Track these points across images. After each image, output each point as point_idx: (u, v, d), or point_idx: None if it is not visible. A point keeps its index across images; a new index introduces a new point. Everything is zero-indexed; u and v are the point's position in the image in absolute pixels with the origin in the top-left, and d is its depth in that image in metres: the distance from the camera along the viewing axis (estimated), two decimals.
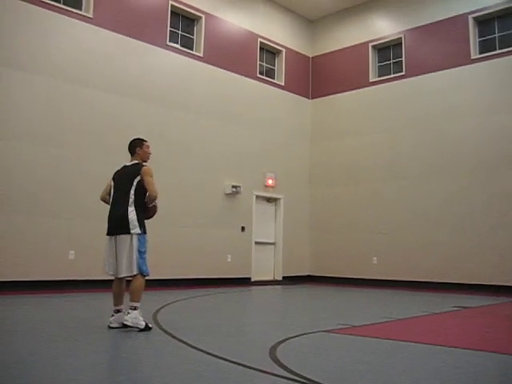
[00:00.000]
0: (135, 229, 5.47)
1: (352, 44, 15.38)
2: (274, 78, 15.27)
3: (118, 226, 5.51)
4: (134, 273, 5.43)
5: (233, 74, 13.85)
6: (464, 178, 12.75)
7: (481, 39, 13.31)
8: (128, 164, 5.81)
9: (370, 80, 14.88)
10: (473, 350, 4.73)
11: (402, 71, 14.31)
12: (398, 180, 13.81)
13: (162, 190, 6.20)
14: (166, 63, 12.45)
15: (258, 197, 14.12)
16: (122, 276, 5.52)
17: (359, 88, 15.01)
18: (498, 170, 12.24)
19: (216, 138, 13.23)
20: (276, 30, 15.29)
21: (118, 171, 5.84)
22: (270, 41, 15.04)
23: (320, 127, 15.78)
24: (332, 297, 11.11)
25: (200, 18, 13.30)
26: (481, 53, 13.14)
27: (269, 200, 14.60)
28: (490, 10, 13.03)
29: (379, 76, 14.92)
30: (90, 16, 11.08)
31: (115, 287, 5.63)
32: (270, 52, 15.40)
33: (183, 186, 12.36)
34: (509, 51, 12.57)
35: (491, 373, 3.99)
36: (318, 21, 16.28)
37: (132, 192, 5.56)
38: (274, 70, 15.49)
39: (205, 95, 13.16)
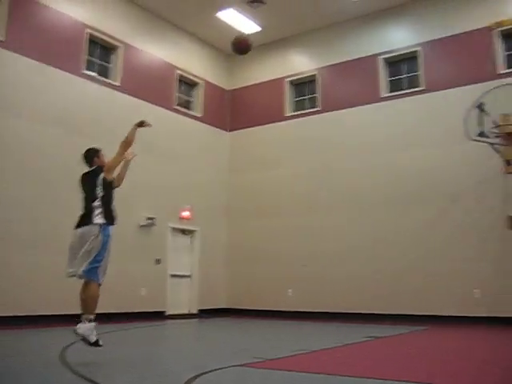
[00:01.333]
0: (98, 219, 5.65)
1: (269, 78, 15.72)
2: (191, 110, 15.28)
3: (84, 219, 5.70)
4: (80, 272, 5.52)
5: (150, 104, 13.73)
6: (380, 211, 13.19)
7: (390, 79, 13.98)
8: (87, 170, 6.14)
9: (287, 114, 15.22)
10: (384, 380, 4.79)
11: (317, 106, 14.74)
12: (317, 212, 14.07)
13: (74, 221, 5.97)
14: (82, 91, 12.16)
15: (173, 229, 13.93)
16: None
17: (276, 122, 15.32)
18: (408, 205, 12.77)
19: (132, 168, 12.93)
20: (194, 63, 15.38)
21: (81, 178, 6.13)
22: (188, 73, 15.09)
23: (238, 159, 15.89)
24: (247, 330, 11.03)
25: (118, 47, 13.16)
26: (390, 91, 13.80)
27: (184, 232, 14.43)
28: (399, 53, 13.76)
29: (295, 110, 15.30)
30: (2, 39, 10.68)
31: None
32: (187, 84, 15.43)
33: None
34: (416, 91, 13.28)
35: None
36: (236, 55, 16.46)
37: (98, 188, 5.88)
38: (191, 101, 15.52)
39: (121, 125, 12.88)
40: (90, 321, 5.34)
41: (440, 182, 12.48)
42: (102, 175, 5.96)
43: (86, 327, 5.28)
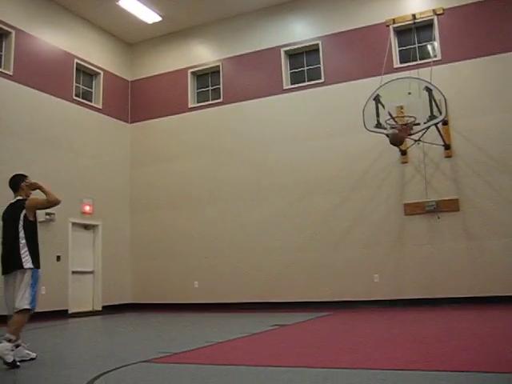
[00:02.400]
0: (28, 264, 5.55)
1: (172, 69, 15.49)
2: (91, 101, 14.77)
3: (8, 263, 5.61)
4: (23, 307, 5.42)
5: (47, 94, 13.15)
6: (281, 201, 13.41)
7: (292, 71, 14.22)
8: (13, 201, 5.88)
9: (190, 106, 15.09)
10: (291, 368, 4.87)
11: (220, 98, 14.72)
12: (219, 203, 14.09)
13: None
14: None
15: (74, 224, 13.43)
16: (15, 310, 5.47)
17: (179, 113, 15.13)
18: (310, 195, 13.09)
19: (27, 161, 12.36)
20: (94, 52, 14.86)
21: (4, 211, 5.86)
22: (87, 62, 14.55)
23: (140, 152, 15.57)
24: (153, 324, 10.87)
25: (10, 33, 12.44)
26: (292, 84, 14.04)
27: (86, 227, 13.96)
28: (300, 45, 14.02)
29: (198, 102, 15.20)
30: None
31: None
32: (87, 74, 14.89)
33: None
34: (316, 83, 13.60)
35: None
36: (137, 44, 16.15)
37: (20, 226, 5.67)
38: (91, 92, 15.00)
39: (14, 116, 12.28)
40: (9, 340, 5.30)
41: (340, 172, 12.87)
42: (24, 211, 5.77)
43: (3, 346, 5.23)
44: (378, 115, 10.80)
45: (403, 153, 12.20)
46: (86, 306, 13.67)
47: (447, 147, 12.00)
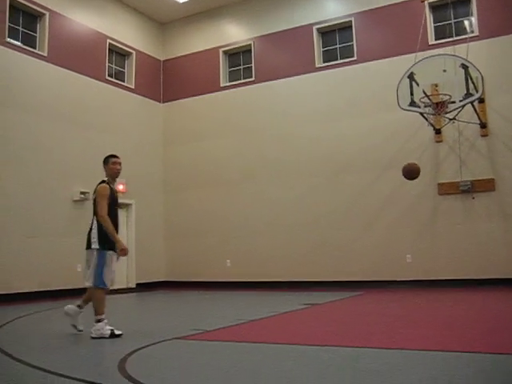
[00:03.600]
0: (95, 244, 5.84)
1: (203, 48, 15.46)
2: (123, 81, 14.88)
3: (86, 241, 5.95)
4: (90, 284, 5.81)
5: (80, 75, 13.29)
6: (317, 180, 13.37)
7: (324, 49, 14.05)
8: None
9: (221, 85, 15.06)
10: (321, 346, 4.89)
11: (252, 77, 14.66)
12: (251, 183, 14.11)
13: (6, 194, 5.74)
14: (5, 61, 11.59)
15: None
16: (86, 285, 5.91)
17: (211, 92, 15.13)
18: (344, 173, 13.01)
19: (64, 141, 12.58)
20: (126, 32, 14.92)
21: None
22: (119, 42, 14.63)
23: (173, 131, 15.65)
24: (187, 302, 11.03)
25: (44, 14, 12.57)
26: (324, 62, 13.89)
27: (120, 206, 14.11)
28: (332, 23, 13.82)
29: (230, 81, 15.16)
30: None
31: (88, 295, 6.05)
32: (119, 54, 14.98)
33: (29, 193, 11.59)
34: (349, 61, 13.43)
35: (339, 366, 4.13)
36: (169, 24, 16.15)
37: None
38: (124, 72, 15.10)
39: (50, 97, 12.46)
40: (98, 321, 5.71)
41: (373, 150, 12.74)
42: (94, 196, 6.10)
43: (95, 329, 5.67)
44: (412, 93, 10.63)
45: (437, 131, 11.97)
46: (121, 283, 13.89)
47: (483, 126, 11.74)
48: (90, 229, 5.97)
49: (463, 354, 4.29)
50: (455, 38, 12.20)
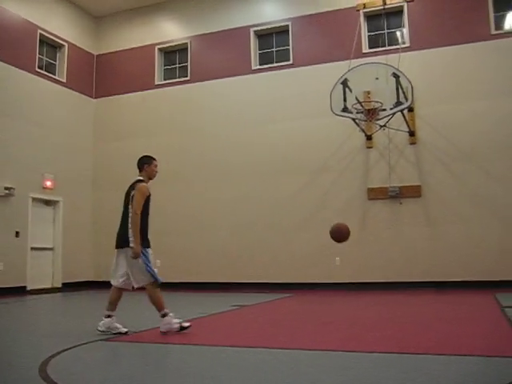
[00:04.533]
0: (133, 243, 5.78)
1: (139, 45, 15.20)
2: (55, 74, 14.40)
3: (120, 240, 6.04)
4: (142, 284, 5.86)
5: (8, 65, 12.75)
6: (250, 182, 13.37)
7: (261, 51, 14.13)
8: (133, 180, 6.21)
9: (156, 83, 14.85)
10: (246, 348, 4.88)
11: (187, 76, 14.54)
12: (185, 182, 13.96)
13: None
14: None
15: (34, 199, 13.14)
16: (136, 286, 5.99)
17: (145, 90, 14.88)
18: (277, 176, 13.10)
19: None
20: (58, 23, 14.45)
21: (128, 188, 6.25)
22: (51, 34, 14.16)
23: (105, 127, 15.29)
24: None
25: None
26: (261, 64, 13.96)
27: (47, 203, 13.69)
28: (269, 26, 13.91)
29: (165, 79, 14.98)
30: None
31: (113, 294, 6.12)
32: (51, 46, 14.49)
33: None
34: (285, 65, 13.55)
35: (268, 367, 4.13)
36: (104, 18, 15.76)
37: (130, 207, 6.02)
38: (55, 65, 14.61)
39: None
40: (163, 316, 5.77)
41: (306, 154, 12.90)
42: (133, 192, 6.09)
43: (164, 323, 5.73)
44: (345, 99, 10.83)
45: (369, 137, 12.28)
46: (46, 282, 13.46)
47: (412, 134, 12.14)
48: (124, 227, 6.00)
49: (385, 354, 4.38)
50: (388, 48, 12.58)
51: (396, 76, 10.48)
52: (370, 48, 13.00)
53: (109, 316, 5.84)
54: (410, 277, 11.76)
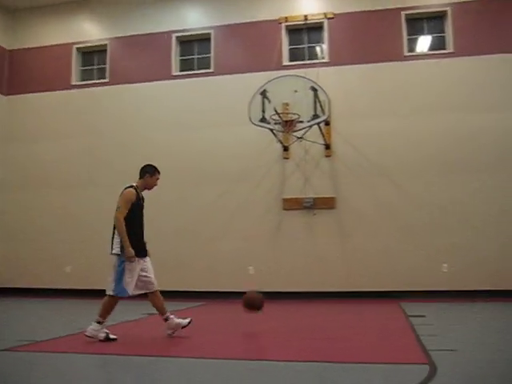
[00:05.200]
0: (116, 250, 5.85)
1: (56, 43, 14.65)
2: None
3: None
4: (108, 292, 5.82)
5: None
6: (161, 191, 13.13)
7: (182, 58, 14.05)
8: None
9: (73, 83, 14.40)
10: (154, 357, 4.80)
11: (105, 78, 14.21)
12: (99, 187, 13.52)
13: None
14: None
15: None
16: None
17: (61, 90, 14.38)
18: (196, 185, 13.01)
19: None
20: None
21: None
22: None
23: (16, 127, 14.60)
24: (18, 310, 10.29)
25: None
26: (181, 70, 13.88)
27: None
28: (192, 33, 13.87)
29: (83, 80, 14.56)
30: None
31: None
32: None
33: None
34: (205, 72, 13.54)
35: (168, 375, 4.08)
36: (20, 12, 15.09)
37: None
38: None
39: None
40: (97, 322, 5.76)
41: (224, 163, 12.90)
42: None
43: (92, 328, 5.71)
44: (263, 110, 10.94)
45: (285, 149, 12.47)
46: None
47: (327, 147, 12.44)
48: (113, 234, 5.96)
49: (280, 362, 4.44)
50: (307, 62, 12.86)
51: (314, 90, 10.72)
52: (290, 61, 13.23)
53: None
54: (322, 287, 11.99)
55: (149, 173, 6.29)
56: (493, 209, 11.59)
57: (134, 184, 6.25)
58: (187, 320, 6.15)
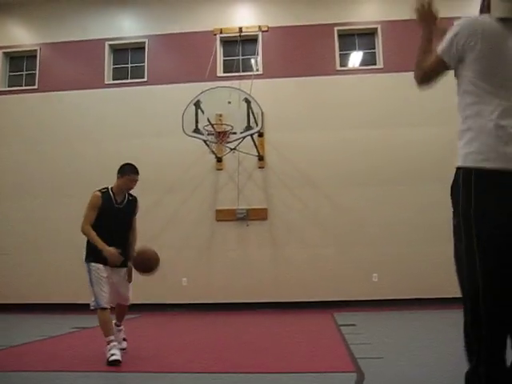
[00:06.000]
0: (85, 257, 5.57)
1: None
2: None
3: None
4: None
5: None
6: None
7: (115, 66, 13.85)
8: None
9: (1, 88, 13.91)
10: (83, 372, 4.67)
11: (35, 85, 13.80)
12: (30, 198, 13.01)
13: None
14: None
15: None
16: None
17: None
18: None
19: None
20: None
21: None
22: None
23: None
24: None
25: None
26: (115, 79, 13.67)
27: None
28: (126, 41, 13.71)
29: (10, 86, 14.09)
30: None
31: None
32: None
33: None
34: (139, 82, 13.40)
35: None
36: None
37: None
38: None
39: None
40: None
41: (155, 173, 12.66)
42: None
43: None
44: (197, 121, 10.90)
45: (219, 160, 12.48)
46: None
47: (261, 158, 12.54)
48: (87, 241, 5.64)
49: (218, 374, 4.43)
50: (242, 74, 12.94)
51: (248, 101, 10.79)
52: (224, 72, 13.29)
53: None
54: (254, 297, 12.02)
55: (120, 173, 5.96)
56: (423, 221, 11.90)
57: (110, 186, 5.97)
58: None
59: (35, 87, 13.76)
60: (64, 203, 12.79)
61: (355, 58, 13.49)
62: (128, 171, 5.94)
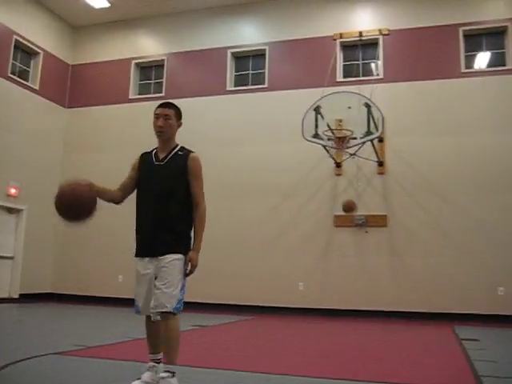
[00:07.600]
0: None
1: (115, 58, 15.17)
2: (27, 81, 14.23)
3: None
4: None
5: None
6: (210, 204, 13.28)
7: (237, 73, 14.24)
8: None
9: (130, 96, 14.81)
10: (205, 368, 4.83)
11: (162, 92, 14.53)
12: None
13: None
14: None
15: None
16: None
17: (119, 103, 14.81)
18: (244, 199, 13.09)
19: None
20: (35, 30, 14.32)
21: None
22: (27, 40, 14.02)
23: (75, 138, 15.12)
24: (71, 316, 10.56)
25: None
26: (236, 86, 14.06)
27: (10, 210, 13.41)
28: (247, 48, 14.06)
29: (140, 94, 14.94)
30: None
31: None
32: (26, 52, 14.34)
33: None
34: (260, 88, 13.66)
35: None
36: (82, 28, 15.71)
37: None
38: (29, 72, 14.45)
39: None
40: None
41: (275, 178, 12.92)
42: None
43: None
44: (316, 126, 10.94)
45: (338, 165, 12.41)
46: (2, 292, 13.13)
47: (380, 164, 12.30)
48: None
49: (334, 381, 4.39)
50: (361, 78, 12.79)
51: (368, 106, 10.64)
52: (344, 77, 13.21)
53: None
54: (372, 305, 11.81)
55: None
56: None
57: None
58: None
59: (162, 94, 14.48)
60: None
61: (481, 60, 12.84)
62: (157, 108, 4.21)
